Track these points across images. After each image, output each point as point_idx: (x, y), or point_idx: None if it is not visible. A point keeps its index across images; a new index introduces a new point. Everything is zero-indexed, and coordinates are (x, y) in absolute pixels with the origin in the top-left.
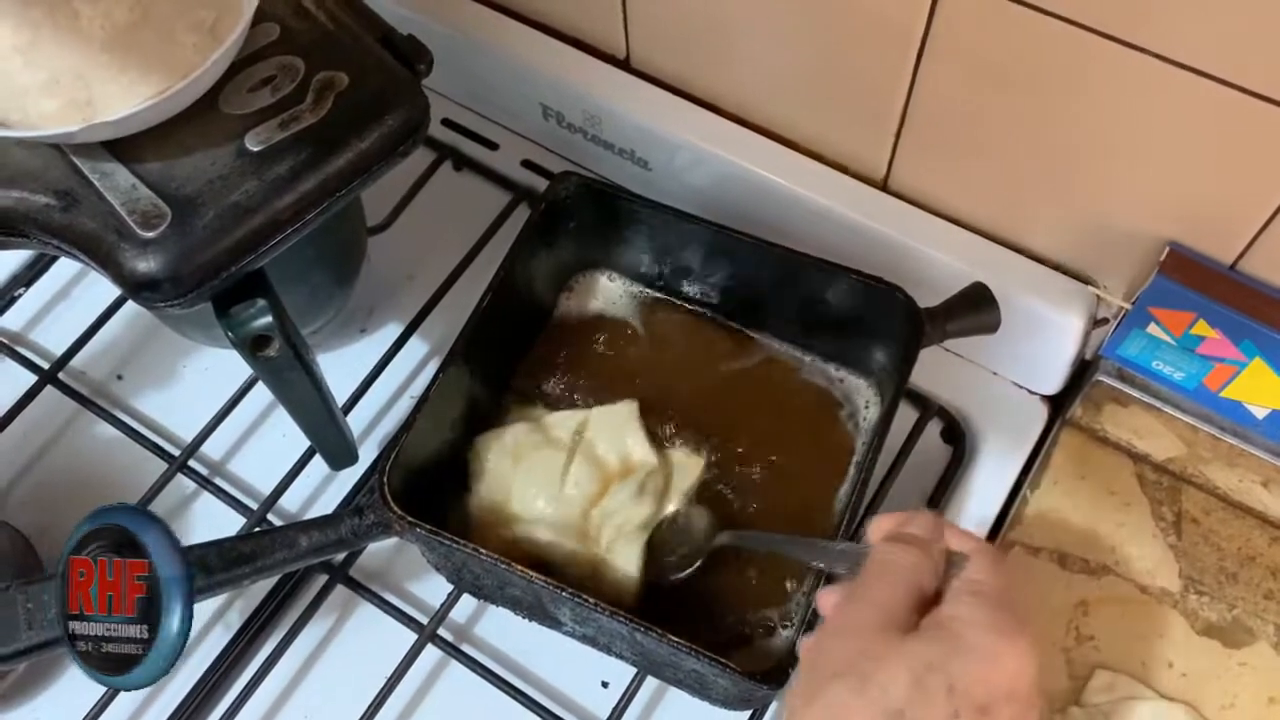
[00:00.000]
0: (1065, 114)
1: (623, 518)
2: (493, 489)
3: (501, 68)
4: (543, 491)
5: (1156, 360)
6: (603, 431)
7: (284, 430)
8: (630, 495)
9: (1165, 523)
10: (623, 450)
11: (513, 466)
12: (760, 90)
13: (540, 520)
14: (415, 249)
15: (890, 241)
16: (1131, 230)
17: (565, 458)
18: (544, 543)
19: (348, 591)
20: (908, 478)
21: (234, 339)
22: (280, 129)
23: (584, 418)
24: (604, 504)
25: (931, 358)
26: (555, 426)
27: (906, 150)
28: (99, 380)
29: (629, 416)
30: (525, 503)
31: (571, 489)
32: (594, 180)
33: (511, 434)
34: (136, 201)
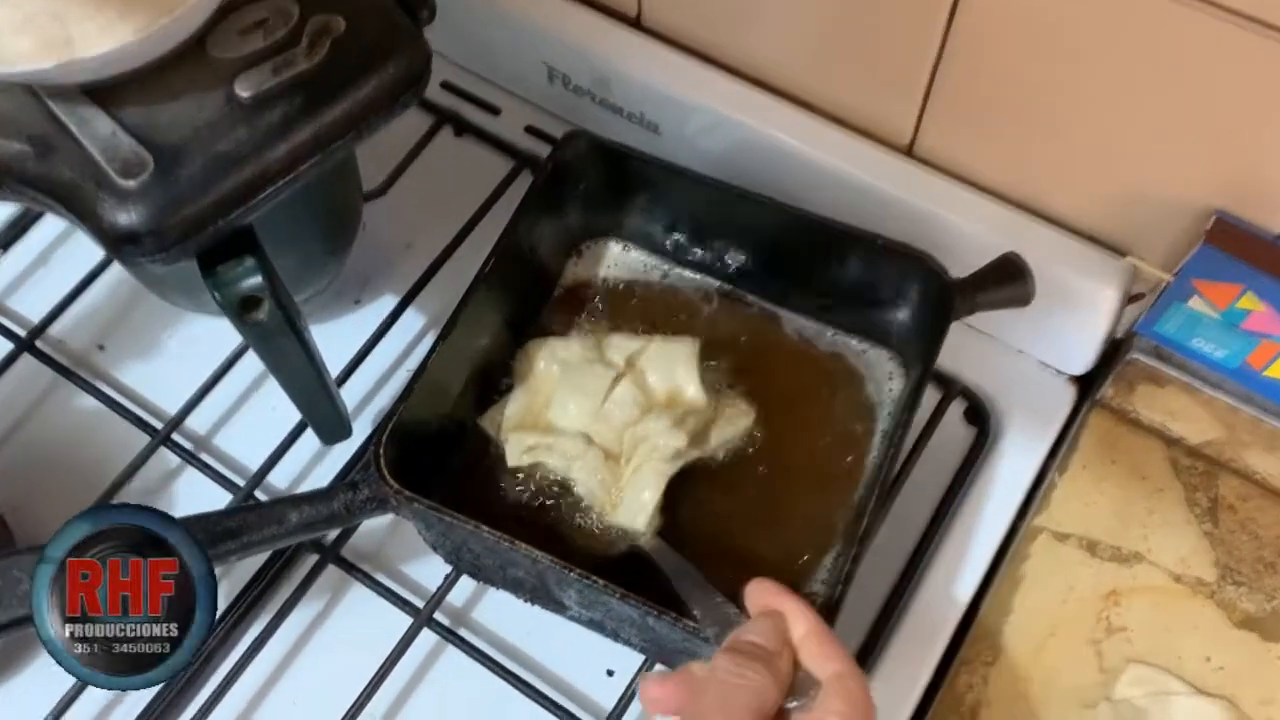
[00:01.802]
0: (1105, 72)
1: (656, 444)
2: (533, 393)
3: (505, 27)
4: (582, 404)
5: (1197, 337)
6: (657, 363)
7: (274, 403)
8: (668, 424)
9: (1200, 509)
10: (674, 385)
11: (559, 374)
12: (779, 50)
13: (571, 431)
14: (413, 217)
15: (914, 210)
16: (1173, 198)
17: (613, 378)
18: (569, 454)
19: (339, 572)
20: (929, 460)
21: (220, 300)
22: (272, 75)
23: (642, 345)
24: (640, 426)
25: (955, 335)
26: (611, 348)
27: (934, 114)
28: (79, 350)
29: (688, 354)
30: (562, 411)
31: (612, 407)
32: (605, 140)
33: (565, 345)
34: (117, 149)
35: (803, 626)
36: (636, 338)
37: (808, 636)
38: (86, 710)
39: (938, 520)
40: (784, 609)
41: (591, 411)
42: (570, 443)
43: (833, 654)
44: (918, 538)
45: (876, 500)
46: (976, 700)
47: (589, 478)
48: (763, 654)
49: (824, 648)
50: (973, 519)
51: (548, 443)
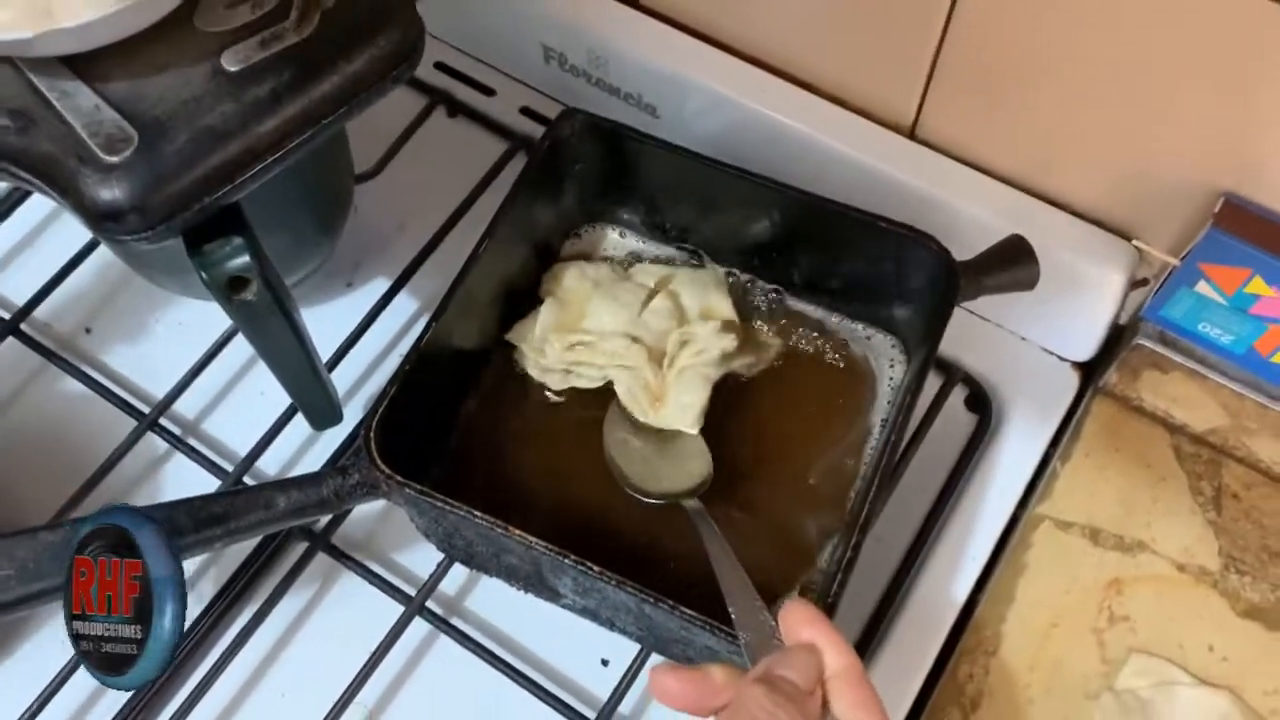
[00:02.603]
0: (1111, 51)
1: (704, 345)
2: (565, 305)
3: (500, 5)
4: (619, 314)
5: (1203, 322)
6: (688, 286)
7: (262, 388)
8: (714, 330)
9: (1204, 498)
10: (707, 304)
11: (591, 290)
12: (779, 29)
13: (613, 333)
14: (405, 199)
15: (918, 192)
16: (1181, 180)
17: (647, 294)
18: (612, 351)
19: (330, 560)
20: (931, 447)
21: (208, 280)
22: (261, 48)
23: (670, 272)
24: (684, 330)
25: (957, 321)
26: (639, 274)
27: (938, 94)
28: (65, 333)
29: (718, 280)
30: (597, 321)
31: (649, 316)
32: (601, 119)
33: (594, 266)
34: (100, 124)
35: (838, 663)
36: (662, 266)
37: (841, 676)
38: (73, 699)
39: (939, 508)
40: (821, 641)
41: (629, 320)
42: (613, 340)
43: (865, 701)
44: (919, 525)
45: (877, 487)
46: (978, 690)
47: (632, 377)
48: (797, 694)
49: (856, 692)
50: (974, 507)
51: (590, 340)
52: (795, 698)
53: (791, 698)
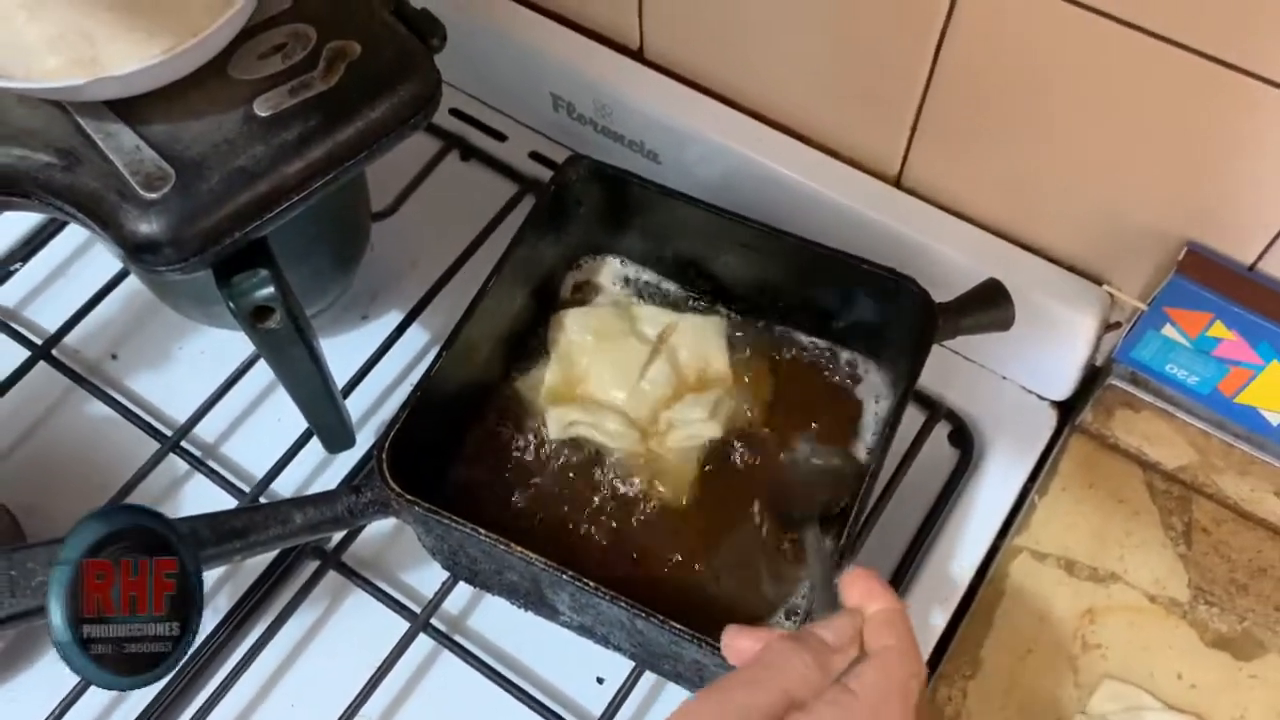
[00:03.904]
0: (1084, 107)
1: (693, 433)
2: (568, 364)
3: (512, 56)
4: (620, 379)
5: (1170, 364)
6: (688, 339)
7: (279, 414)
8: (705, 411)
9: (1175, 532)
10: (703, 361)
11: (595, 344)
12: (775, 83)
13: (611, 408)
14: (419, 237)
15: (902, 238)
16: (1148, 229)
17: (648, 354)
18: (610, 432)
19: (339, 578)
20: (914, 479)
21: (235, 309)
22: (290, 95)
23: (673, 321)
24: (676, 410)
25: (940, 360)
26: (642, 320)
27: (921, 145)
28: (93, 359)
29: (717, 330)
30: (600, 385)
31: (647, 385)
32: (606, 165)
33: (597, 314)
34: (140, 163)
35: (876, 607)
36: (664, 311)
37: (876, 617)
38: (89, 709)
39: (921, 537)
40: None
41: (628, 387)
42: (609, 420)
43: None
44: (902, 553)
45: (858, 516)
46: (956, 712)
47: (628, 455)
48: (821, 648)
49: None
50: (955, 537)
51: (589, 420)
52: (817, 649)
53: (814, 650)
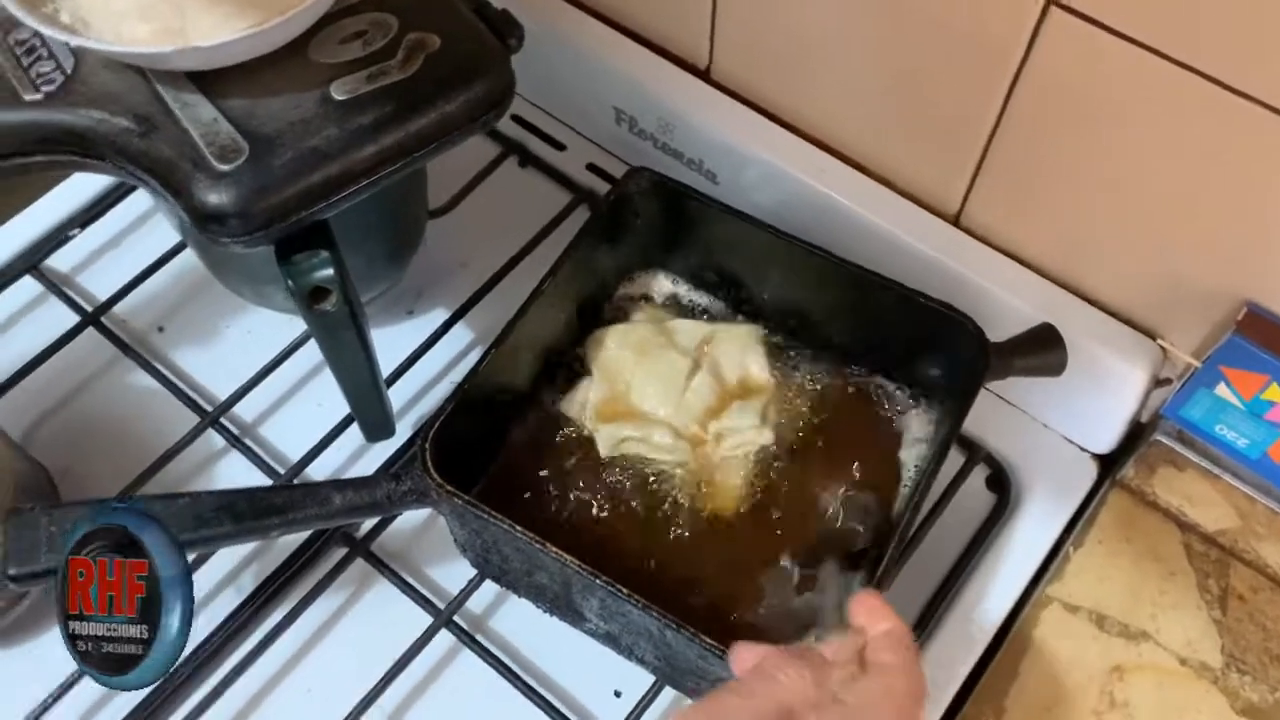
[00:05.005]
0: (1151, 159)
1: (743, 440)
2: (612, 379)
3: (579, 67)
4: (664, 392)
5: (1220, 424)
6: (726, 348)
7: (320, 399)
8: (755, 417)
9: (1210, 596)
10: (744, 369)
11: (635, 360)
12: (841, 113)
13: (658, 421)
14: (471, 238)
15: (957, 276)
16: (1207, 285)
17: (689, 365)
18: (659, 444)
19: (366, 566)
20: (949, 520)
21: (293, 288)
22: (367, 81)
23: (710, 331)
24: (724, 420)
25: (984, 404)
26: (679, 333)
27: (983, 187)
28: (140, 329)
29: (755, 338)
30: (644, 399)
31: (691, 396)
32: (668, 178)
33: (636, 331)
34: (216, 134)
35: (880, 628)
36: (700, 323)
37: (881, 636)
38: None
39: (952, 580)
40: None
41: (673, 400)
42: (659, 434)
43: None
44: (931, 594)
45: (893, 552)
46: None
47: (678, 468)
48: (817, 661)
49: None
50: (986, 582)
51: (639, 435)
52: (814, 664)
53: (811, 664)
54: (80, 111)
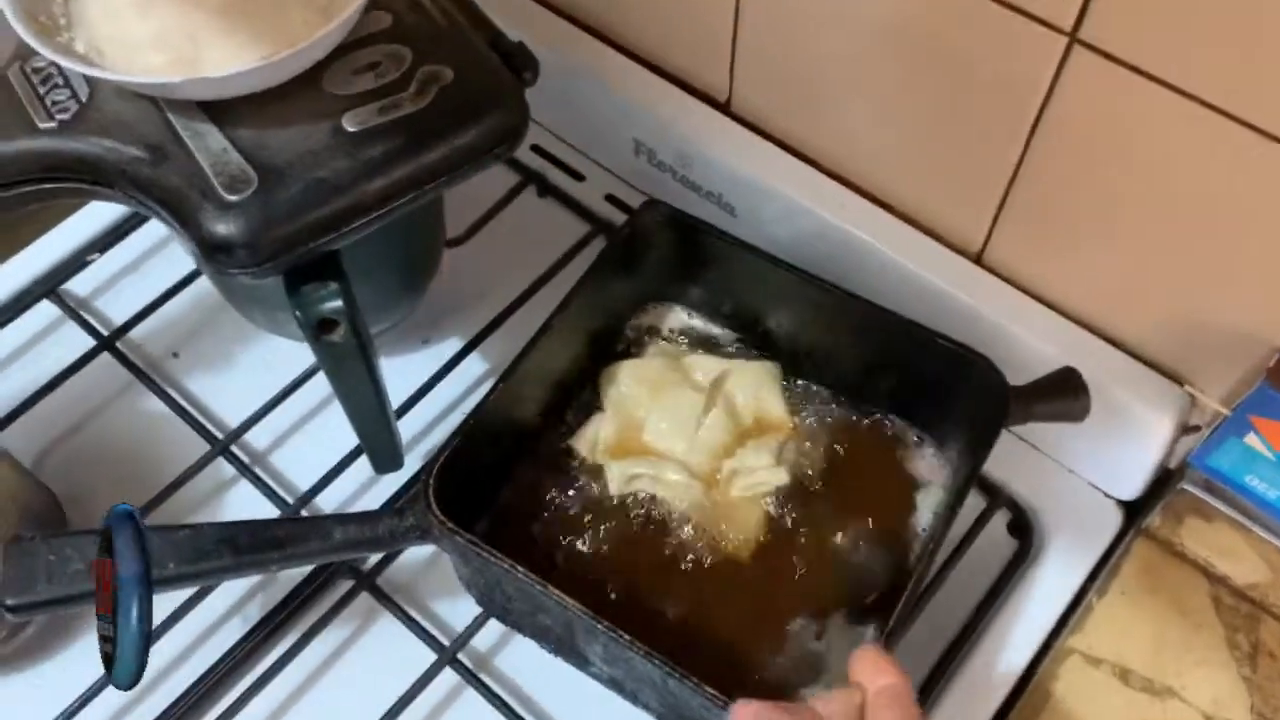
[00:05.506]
0: (1179, 201)
1: (756, 481)
2: (624, 416)
3: (599, 98)
4: (678, 430)
5: (1250, 475)
6: (742, 385)
7: (330, 430)
8: (770, 457)
9: (1240, 652)
10: (760, 406)
11: (649, 396)
12: (862, 148)
13: (671, 459)
14: (488, 267)
15: (978, 316)
16: (1238, 332)
17: (704, 401)
18: (671, 483)
19: (371, 600)
20: (969, 565)
21: (301, 318)
22: (379, 114)
23: (726, 368)
24: (739, 458)
25: (1006, 446)
26: (695, 369)
27: (1006, 225)
28: (155, 355)
29: (771, 376)
30: (658, 435)
31: (705, 433)
32: (684, 213)
33: (650, 366)
34: (226, 164)
35: (880, 683)
36: (716, 359)
37: (882, 692)
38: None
39: (970, 628)
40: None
41: (687, 437)
42: (671, 472)
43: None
44: (948, 643)
45: (906, 603)
46: None
47: (690, 509)
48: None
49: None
50: (1005, 631)
51: (651, 473)
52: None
53: None
54: (92, 140)
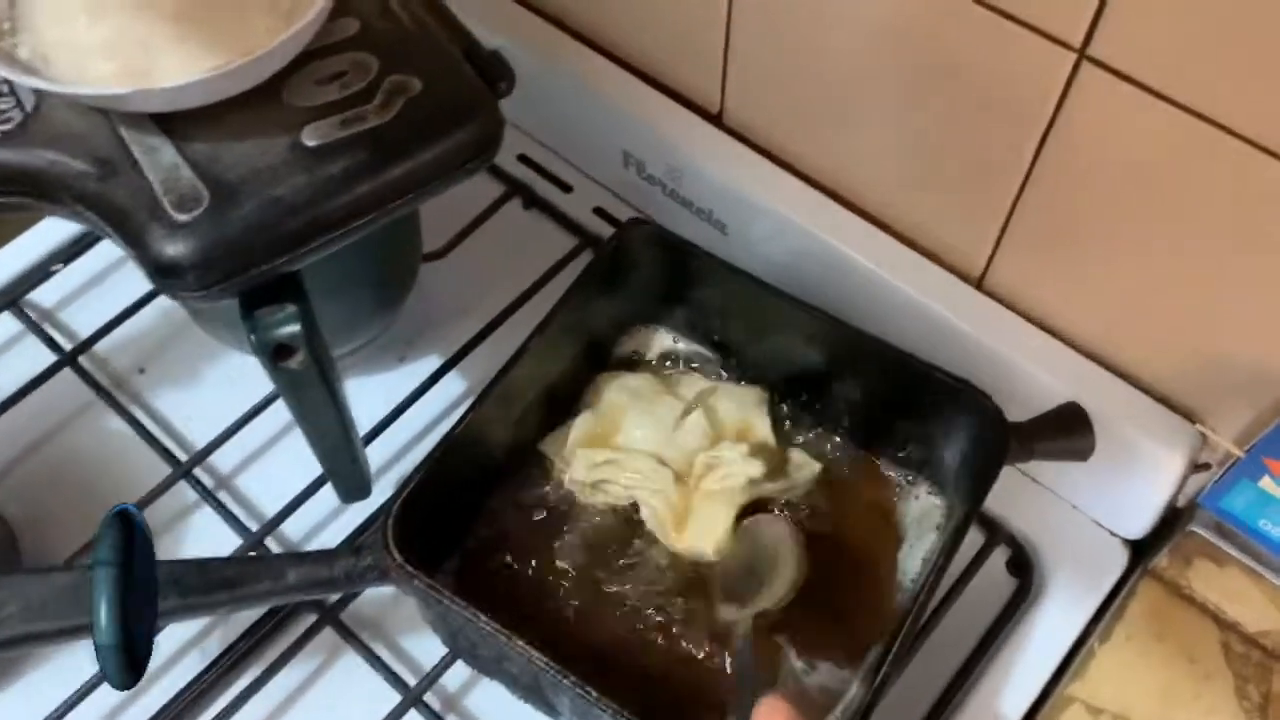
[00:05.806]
0: (1193, 228)
1: (731, 470)
2: (601, 418)
3: (588, 107)
4: (652, 430)
5: (1264, 519)
6: (728, 402)
7: (299, 453)
8: (744, 452)
9: (1250, 703)
10: (745, 423)
11: (630, 402)
12: (857, 164)
13: (643, 451)
14: (469, 282)
15: (978, 344)
16: (1253, 368)
17: (684, 408)
18: (639, 471)
19: (335, 636)
20: (966, 605)
21: (256, 343)
22: (340, 127)
23: (712, 387)
24: (713, 453)
25: (1008, 481)
26: (681, 384)
27: (1010, 248)
28: (120, 371)
29: (758, 399)
30: (630, 436)
31: (683, 434)
32: (669, 232)
33: (637, 379)
34: (176, 181)
35: None
36: (705, 380)
37: None
38: None
39: (966, 672)
40: None
41: (663, 438)
42: (641, 460)
43: None
44: (943, 688)
45: (902, 642)
46: None
47: (658, 498)
48: None
49: None
50: (1004, 677)
51: (617, 459)
52: None
53: None
54: (35, 152)
